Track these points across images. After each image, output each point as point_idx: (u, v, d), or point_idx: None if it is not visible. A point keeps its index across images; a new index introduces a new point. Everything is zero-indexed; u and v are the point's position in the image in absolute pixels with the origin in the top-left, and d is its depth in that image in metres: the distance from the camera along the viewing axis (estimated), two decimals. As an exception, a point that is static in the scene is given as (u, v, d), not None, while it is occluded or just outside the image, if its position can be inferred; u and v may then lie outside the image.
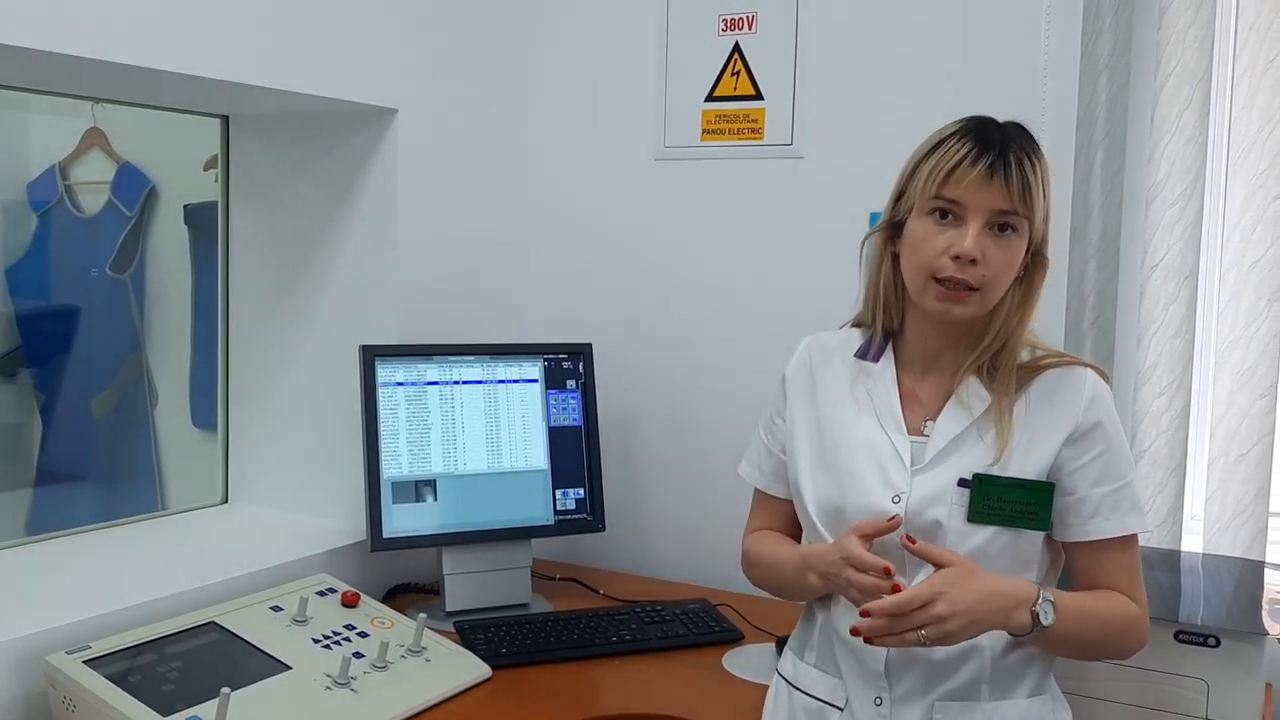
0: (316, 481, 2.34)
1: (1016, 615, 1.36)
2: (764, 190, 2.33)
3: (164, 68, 1.77)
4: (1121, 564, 1.43)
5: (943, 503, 1.42)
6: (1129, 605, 1.43)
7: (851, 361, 1.55)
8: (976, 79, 2.11)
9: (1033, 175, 1.40)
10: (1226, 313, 2.02)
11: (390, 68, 2.19)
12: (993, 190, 1.39)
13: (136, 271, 3.08)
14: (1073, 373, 1.45)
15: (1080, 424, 1.42)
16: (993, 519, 1.41)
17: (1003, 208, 1.39)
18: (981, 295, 1.41)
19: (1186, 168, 2.00)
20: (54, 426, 3.11)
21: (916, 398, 1.49)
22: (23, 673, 1.64)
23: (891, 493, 1.44)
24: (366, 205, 2.26)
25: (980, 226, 1.39)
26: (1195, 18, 1.98)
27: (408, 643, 1.84)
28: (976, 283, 1.40)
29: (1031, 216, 1.41)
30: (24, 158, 3.19)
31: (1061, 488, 1.42)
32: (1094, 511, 1.42)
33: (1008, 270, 1.42)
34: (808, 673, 1.54)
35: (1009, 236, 1.41)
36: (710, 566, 2.34)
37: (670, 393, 2.45)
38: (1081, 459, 1.42)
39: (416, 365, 2.14)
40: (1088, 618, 1.41)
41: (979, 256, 1.38)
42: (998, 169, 1.39)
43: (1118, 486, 1.42)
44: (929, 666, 1.42)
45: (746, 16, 2.33)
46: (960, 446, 1.44)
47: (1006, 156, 1.40)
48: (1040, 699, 1.45)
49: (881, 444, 1.47)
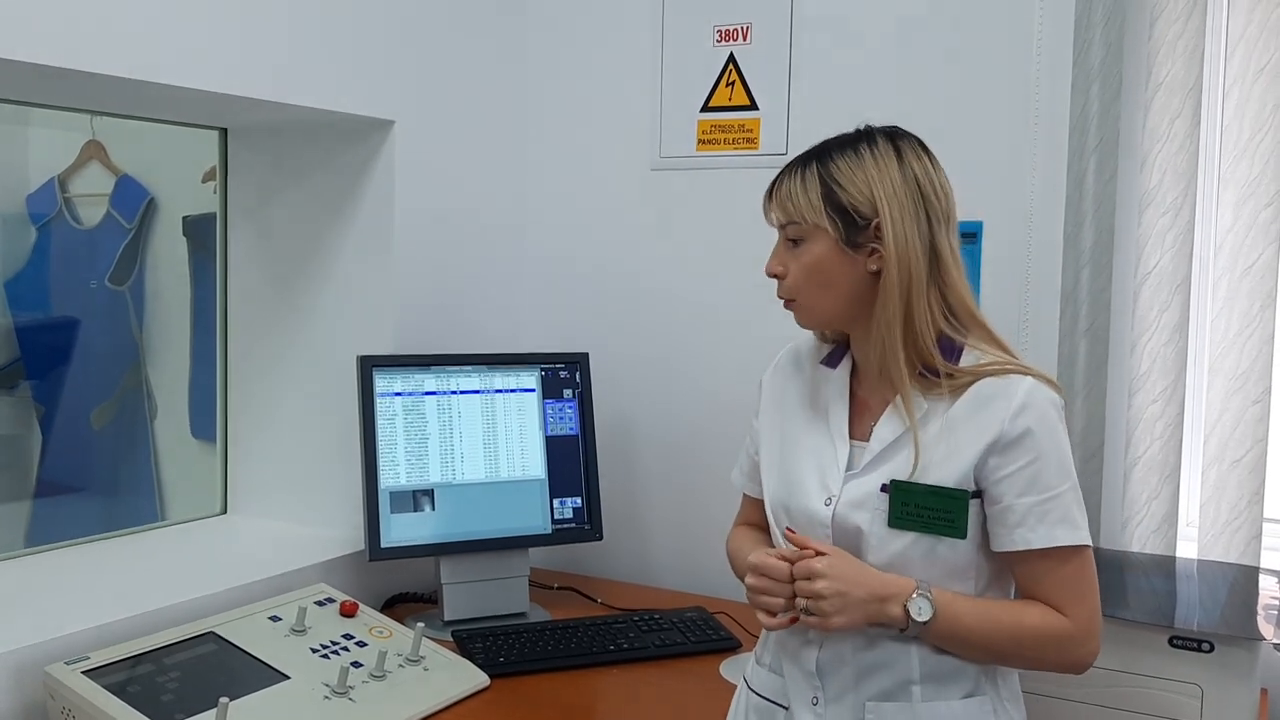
0: (315, 492, 2.35)
1: (889, 607, 1.39)
2: (759, 200, 2.33)
3: (163, 81, 1.78)
4: (1058, 577, 1.40)
5: (866, 508, 1.43)
6: (1051, 617, 1.40)
7: (819, 368, 1.58)
8: (969, 88, 2.13)
9: (800, 182, 1.47)
10: (1219, 319, 2.02)
11: (387, 80, 2.20)
12: (771, 207, 1.52)
13: (135, 283, 3.09)
14: (1009, 381, 1.41)
15: (1006, 432, 1.39)
16: (911, 525, 1.41)
17: (779, 221, 1.51)
18: (799, 304, 1.50)
19: (1178, 175, 2.01)
20: (53, 438, 3.12)
21: (867, 405, 1.51)
22: (22, 683, 1.64)
23: (825, 495, 1.47)
24: (364, 216, 2.28)
25: (780, 243, 1.51)
26: (1185, 27, 1.99)
27: (406, 652, 1.85)
28: (786, 294, 1.51)
29: (802, 220, 1.46)
30: (23, 170, 3.20)
31: (989, 497, 1.41)
32: (1019, 521, 1.39)
33: (809, 275, 1.47)
34: (760, 674, 1.57)
35: (800, 246, 1.48)
36: (707, 575, 2.34)
37: (667, 402, 2.46)
38: (1007, 468, 1.39)
39: (414, 375, 2.15)
40: (985, 622, 1.40)
41: (778, 270, 1.51)
42: (774, 187, 1.52)
43: (1046, 497, 1.38)
44: (858, 667, 1.44)
45: (741, 27, 2.34)
46: (894, 454, 1.44)
47: (789, 171, 1.51)
48: (978, 700, 1.44)
49: (825, 449, 1.50)
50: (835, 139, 1.50)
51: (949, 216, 1.46)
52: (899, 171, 1.44)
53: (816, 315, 1.51)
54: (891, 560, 1.42)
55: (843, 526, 1.44)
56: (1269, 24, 1.97)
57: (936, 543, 1.41)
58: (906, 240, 1.42)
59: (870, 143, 1.46)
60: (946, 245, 1.44)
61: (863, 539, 1.43)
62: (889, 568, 1.41)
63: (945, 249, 1.44)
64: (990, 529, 1.42)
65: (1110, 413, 2.06)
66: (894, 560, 1.42)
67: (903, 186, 1.43)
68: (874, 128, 1.49)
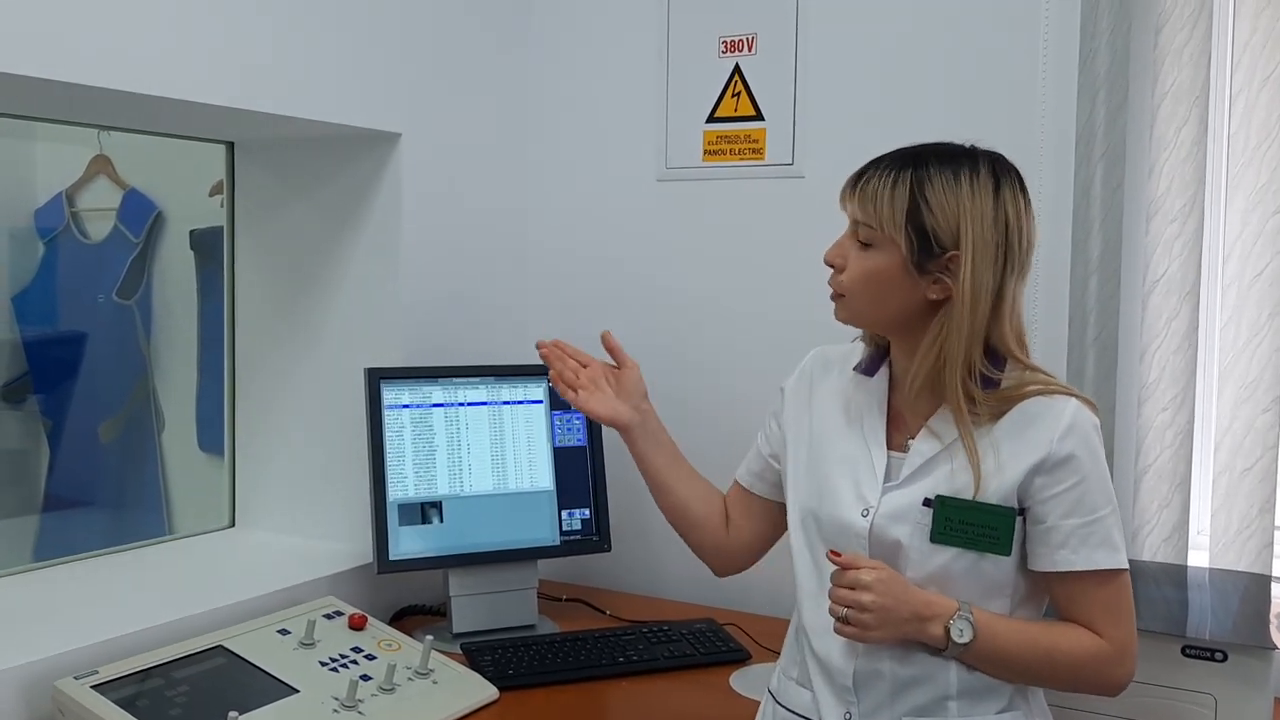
0: (323, 504, 2.35)
1: (929, 627, 1.38)
2: (765, 210, 2.34)
3: (171, 96, 1.79)
4: (1095, 599, 1.40)
5: (907, 521, 1.42)
6: (1086, 639, 1.40)
7: (850, 375, 1.56)
8: (975, 96, 2.13)
9: (889, 187, 1.39)
10: (1229, 328, 2.02)
11: (393, 92, 2.21)
12: (850, 199, 1.45)
13: (143, 297, 3.10)
14: (1054, 401, 1.40)
15: (1052, 453, 1.38)
16: (954, 540, 1.40)
17: (855, 217, 1.44)
18: (846, 302, 1.46)
19: (1186, 183, 2.00)
20: (61, 452, 3.12)
21: (904, 417, 1.50)
22: (30, 698, 1.64)
23: (861, 506, 1.45)
24: (371, 229, 2.28)
25: (847, 236, 1.46)
26: (1192, 34, 1.99)
27: (415, 665, 1.85)
28: (835, 288, 1.46)
29: (879, 229, 1.40)
30: (31, 185, 3.22)
31: (1032, 516, 1.40)
32: (1062, 543, 1.39)
33: (868, 285, 1.43)
34: (789, 687, 1.55)
35: (869, 251, 1.43)
36: (717, 586, 2.32)
37: (673, 412, 2.43)
38: (1053, 489, 1.39)
39: (422, 388, 2.15)
40: (1022, 643, 1.40)
41: (836, 262, 1.45)
42: (859, 181, 1.44)
43: (1089, 520, 1.38)
44: (895, 682, 1.42)
45: (746, 38, 2.34)
46: (934, 468, 1.43)
47: (880, 169, 1.42)
48: (1012, 715, 1.43)
49: (860, 457, 1.48)
50: (935, 148, 1.43)
51: (1024, 267, 1.42)
52: (992, 209, 1.38)
53: (860, 319, 1.49)
54: (931, 575, 1.41)
55: (881, 539, 1.43)
56: (1275, 31, 1.96)
57: (979, 559, 1.40)
58: (979, 285, 1.37)
59: (972, 168, 1.40)
60: (1011, 292, 1.41)
61: (901, 553, 1.42)
62: (927, 583, 1.41)
63: (1009, 295, 1.40)
64: (1030, 548, 1.42)
65: (1120, 421, 2.05)
66: (934, 575, 1.41)
67: (991, 228, 1.37)
68: (979, 150, 1.43)
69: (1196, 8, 1.98)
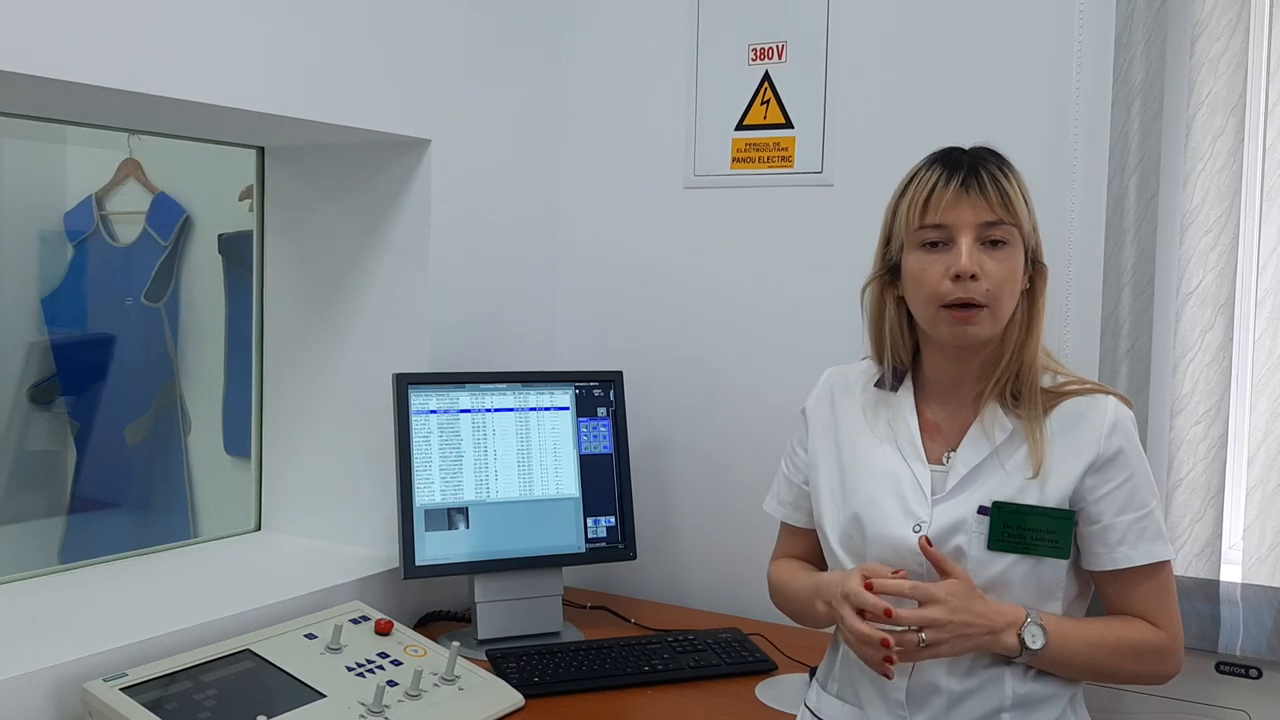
0: (349, 509, 2.35)
1: (1004, 637, 1.38)
2: (794, 218, 2.33)
3: (200, 100, 1.79)
4: (1149, 591, 1.43)
5: (963, 531, 1.42)
6: (1146, 631, 1.42)
7: (872, 392, 1.56)
8: (1007, 106, 2.11)
9: (1008, 184, 1.43)
10: (1263, 339, 2.00)
11: (423, 99, 2.21)
12: (973, 204, 1.41)
13: (171, 300, 3.11)
14: (1095, 400, 1.44)
15: (1102, 452, 1.41)
16: (1012, 546, 1.41)
17: (987, 219, 1.42)
18: (991, 311, 1.42)
19: (1221, 194, 1.99)
20: (88, 454, 3.14)
21: (937, 428, 1.50)
22: (59, 700, 1.65)
23: (912, 522, 1.45)
24: (400, 234, 2.28)
25: (971, 242, 1.41)
26: (1228, 45, 1.98)
27: (441, 671, 1.84)
28: (982, 298, 1.41)
29: (1019, 224, 1.42)
30: (61, 188, 3.24)
31: (1086, 516, 1.42)
32: (1120, 539, 1.41)
33: (1010, 281, 1.43)
34: (830, 703, 1.54)
35: (1002, 249, 1.42)
36: (742, 596, 2.33)
37: (701, 421, 2.45)
38: (1105, 487, 1.41)
39: (449, 393, 2.15)
40: (1089, 642, 1.41)
41: (977, 271, 1.40)
42: (971, 184, 1.42)
43: (1142, 514, 1.42)
44: (950, 696, 1.42)
45: (776, 46, 2.34)
46: (981, 475, 1.44)
47: (978, 171, 1.43)
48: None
49: (902, 473, 1.48)
50: (982, 149, 1.48)
51: None
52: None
53: (999, 323, 1.45)
54: (990, 583, 1.41)
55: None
56: (1313, 42, 1.95)
57: (1037, 564, 1.41)
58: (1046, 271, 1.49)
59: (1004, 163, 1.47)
60: None
61: (961, 564, 1.42)
62: (986, 590, 1.41)
63: None
64: (1086, 547, 1.43)
65: (1152, 434, 2.03)
66: (991, 583, 1.41)
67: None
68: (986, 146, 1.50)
69: (1233, 18, 1.97)
